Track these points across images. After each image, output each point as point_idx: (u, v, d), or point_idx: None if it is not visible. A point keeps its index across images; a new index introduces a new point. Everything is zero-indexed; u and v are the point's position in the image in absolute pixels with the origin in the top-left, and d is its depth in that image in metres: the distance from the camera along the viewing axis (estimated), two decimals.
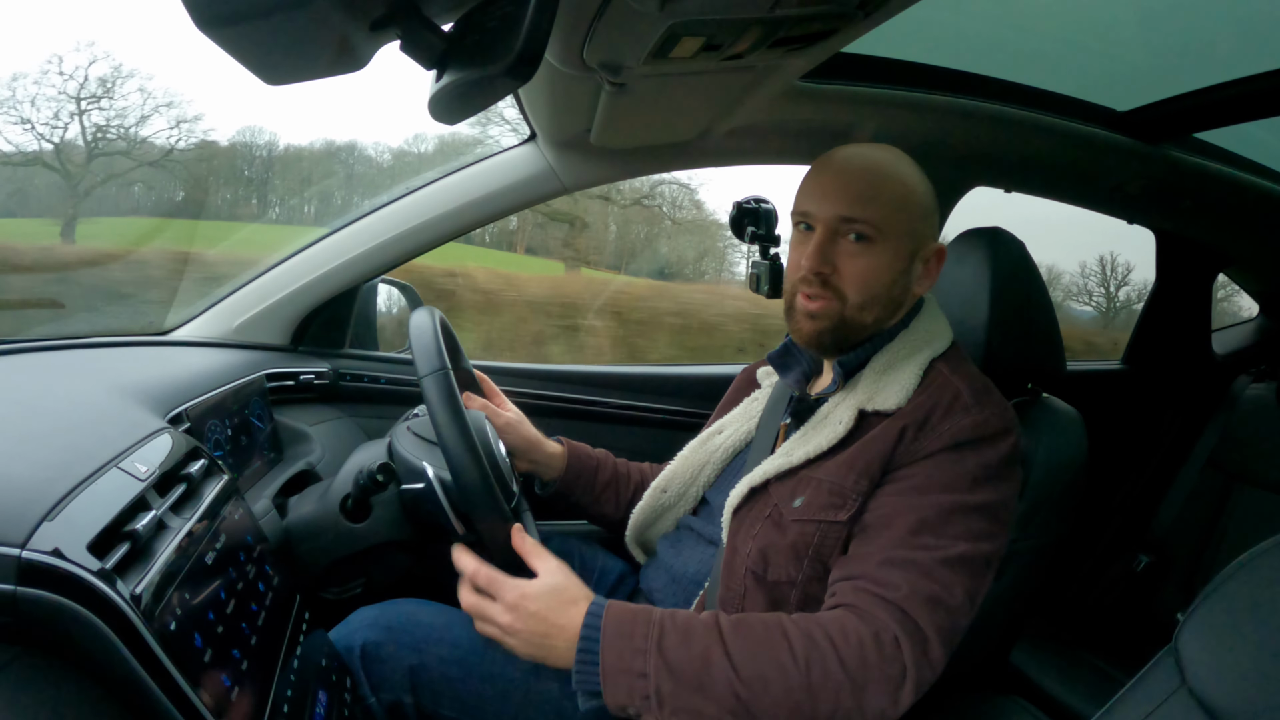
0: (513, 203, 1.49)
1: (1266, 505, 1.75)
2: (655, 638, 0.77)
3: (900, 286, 0.94)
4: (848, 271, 0.91)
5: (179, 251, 3.62)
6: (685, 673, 0.75)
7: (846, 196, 0.90)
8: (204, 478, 0.79)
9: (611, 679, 0.76)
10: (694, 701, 0.75)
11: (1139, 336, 2.14)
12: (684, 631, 0.78)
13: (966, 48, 1.37)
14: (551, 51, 0.91)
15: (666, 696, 0.75)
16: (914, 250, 0.93)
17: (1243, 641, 0.63)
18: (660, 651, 0.76)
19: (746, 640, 0.77)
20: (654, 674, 0.75)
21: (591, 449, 1.26)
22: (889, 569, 0.80)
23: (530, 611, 0.81)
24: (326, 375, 1.49)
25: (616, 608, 0.80)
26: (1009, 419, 0.88)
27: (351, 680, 0.89)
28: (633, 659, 0.76)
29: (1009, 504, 0.86)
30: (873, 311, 0.93)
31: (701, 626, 0.78)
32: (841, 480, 0.87)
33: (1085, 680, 1.54)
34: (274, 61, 0.56)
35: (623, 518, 1.21)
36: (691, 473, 1.11)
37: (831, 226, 0.91)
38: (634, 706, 0.76)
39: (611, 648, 0.77)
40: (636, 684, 0.75)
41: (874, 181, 0.91)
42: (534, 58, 0.53)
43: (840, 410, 0.92)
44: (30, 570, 0.55)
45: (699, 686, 0.74)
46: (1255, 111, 1.39)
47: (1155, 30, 1.34)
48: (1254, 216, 1.80)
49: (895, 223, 0.90)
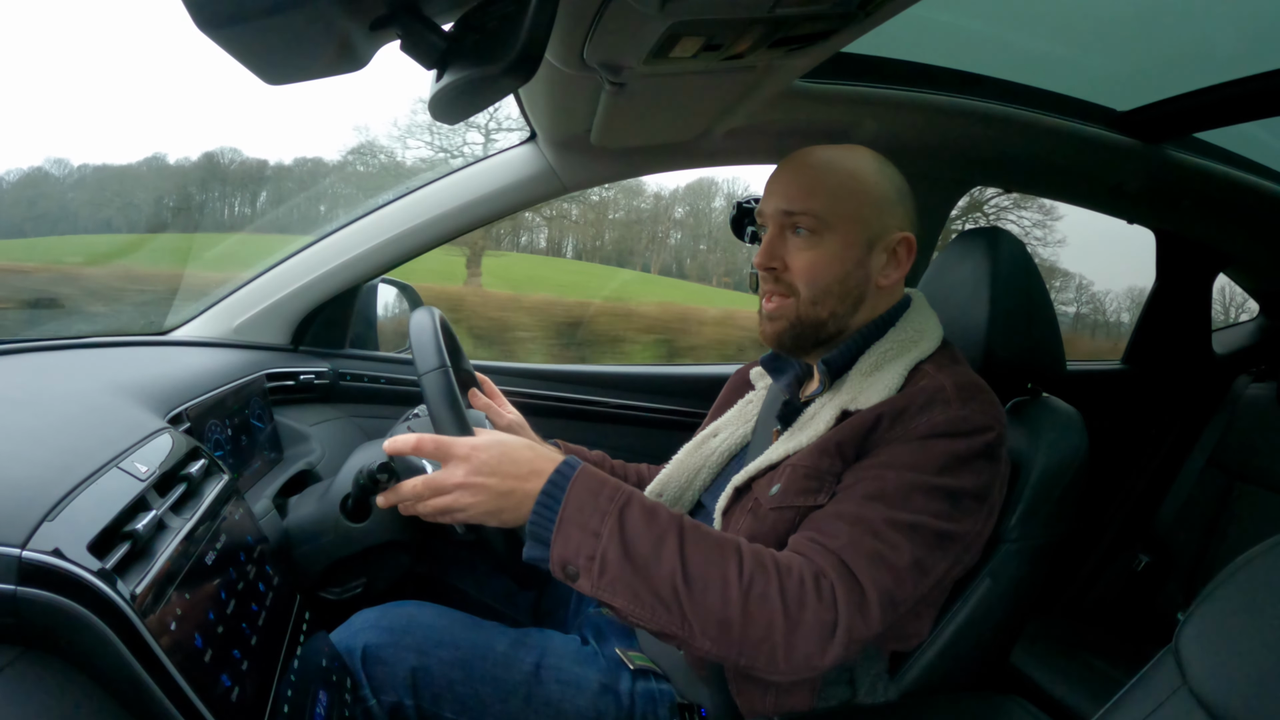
0: (512, 203, 1.49)
1: (1267, 505, 1.74)
2: (620, 502, 0.76)
3: (856, 278, 0.93)
4: (796, 265, 0.92)
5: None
6: (636, 548, 0.74)
7: (788, 191, 0.92)
8: (204, 478, 0.79)
9: (565, 530, 0.75)
10: (633, 580, 0.74)
11: (1139, 336, 2.14)
12: (648, 512, 0.77)
13: (966, 48, 1.37)
14: (552, 51, 0.91)
15: (610, 564, 0.74)
16: (869, 239, 0.92)
17: (1244, 641, 0.63)
18: (620, 517, 0.75)
19: (702, 542, 0.76)
20: (606, 537, 0.74)
21: (588, 452, 1.26)
22: (835, 522, 0.80)
23: (485, 459, 0.79)
24: (326, 375, 1.49)
25: (590, 469, 0.79)
26: (992, 417, 0.86)
27: (352, 681, 0.89)
28: (590, 516, 0.75)
29: (976, 494, 0.84)
30: (827, 305, 0.93)
31: (666, 515, 0.78)
32: (816, 463, 0.87)
33: (1085, 680, 1.54)
34: (274, 61, 0.57)
35: None
36: (687, 477, 1.10)
37: (778, 222, 0.93)
38: (576, 565, 0.74)
39: (575, 500, 0.76)
40: (586, 542, 0.74)
41: (816, 175, 0.92)
42: (534, 57, 0.53)
43: (825, 411, 0.92)
44: (30, 570, 0.54)
45: (643, 566, 0.74)
46: (1255, 111, 1.39)
47: (1155, 30, 1.33)
48: (1254, 216, 1.80)
49: (840, 212, 0.91)
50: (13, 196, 4.97)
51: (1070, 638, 1.73)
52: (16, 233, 4.91)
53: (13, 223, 4.92)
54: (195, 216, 5.91)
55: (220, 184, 5.95)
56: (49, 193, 5.12)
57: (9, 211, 4.92)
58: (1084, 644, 1.69)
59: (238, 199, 6.12)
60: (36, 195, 5.07)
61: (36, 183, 5.05)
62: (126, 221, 5.59)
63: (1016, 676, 1.58)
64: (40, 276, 3.21)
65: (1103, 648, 1.68)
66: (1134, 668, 0.72)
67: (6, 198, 4.94)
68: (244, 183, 5.94)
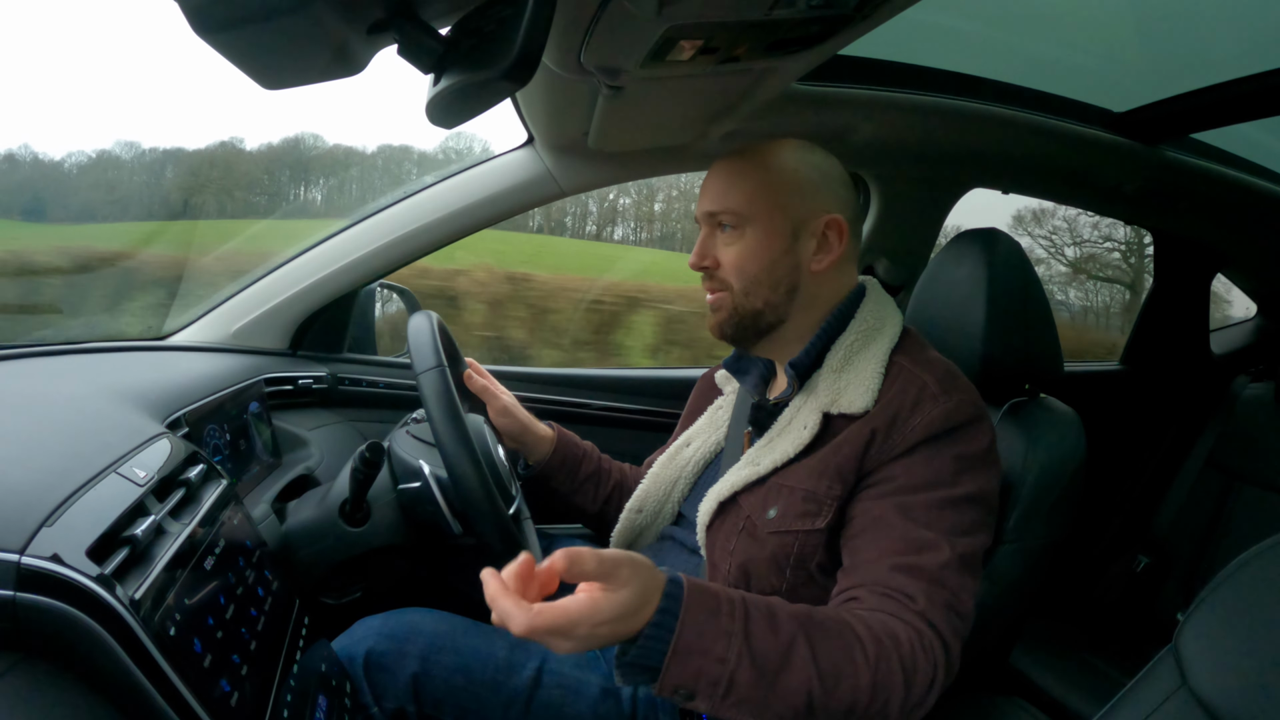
0: (510, 206, 1.49)
1: (1266, 505, 1.75)
2: (741, 618, 0.69)
3: (785, 265, 0.94)
4: (725, 261, 0.95)
5: None
6: (767, 664, 0.69)
7: (709, 194, 0.96)
8: (202, 483, 0.79)
9: (683, 658, 0.67)
10: (766, 695, 0.68)
11: (1137, 337, 2.14)
12: (769, 617, 0.71)
13: (963, 50, 1.37)
14: (549, 55, 0.91)
15: (739, 685, 0.68)
16: (794, 227, 0.93)
17: (1243, 641, 0.63)
18: (747, 637, 0.69)
19: (827, 637, 0.72)
20: (735, 660, 0.68)
21: (580, 439, 1.27)
22: (901, 577, 0.78)
23: (598, 624, 0.65)
24: (325, 380, 1.49)
25: (695, 582, 0.71)
26: (978, 404, 0.87)
27: (352, 687, 0.89)
28: (715, 641, 0.68)
29: (993, 493, 0.86)
30: (760, 295, 0.94)
31: (785, 614, 0.72)
32: (814, 487, 0.86)
33: (1085, 681, 1.54)
34: (271, 66, 0.57)
35: (597, 512, 1.22)
36: (664, 489, 1.09)
37: (707, 223, 0.97)
38: (693, 690, 0.68)
39: (692, 625, 0.67)
40: (710, 668, 0.67)
41: (731, 173, 0.95)
42: (531, 61, 0.53)
43: (803, 415, 0.92)
44: (29, 576, 0.54)
45: (774, 679, 0.69)
46: (1252, 112, 1.39)
47: (1152, 31, 1.34)
48: (1251, 217, 1.81)
49: (758, 206, 0.93)
50: (90, 179, 4.90)
51: (1070, 639, 1.73)
52: (89, 217, 4.86)
53: (90, 206, 4.86)
54: (287, 203, 5.86)
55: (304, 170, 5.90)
56: (119, 178, 5.05)
57: (86, 195, 4.86)
58: (1084, 645, 1.70)
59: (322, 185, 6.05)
60: (115, 179, 5.00)
61: (106, 167, 4.99)
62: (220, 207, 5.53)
63: (1016, 677, 1.58)
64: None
65: (1102, 649, 1.68)
66: (1133, 669, 0.72)
67: (83, 181, 4.89)
68: (329, 169, 5.87)
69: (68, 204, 4.80)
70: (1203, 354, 2.13)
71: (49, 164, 4.68)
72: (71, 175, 4.83)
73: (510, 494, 1.02)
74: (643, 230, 6.22)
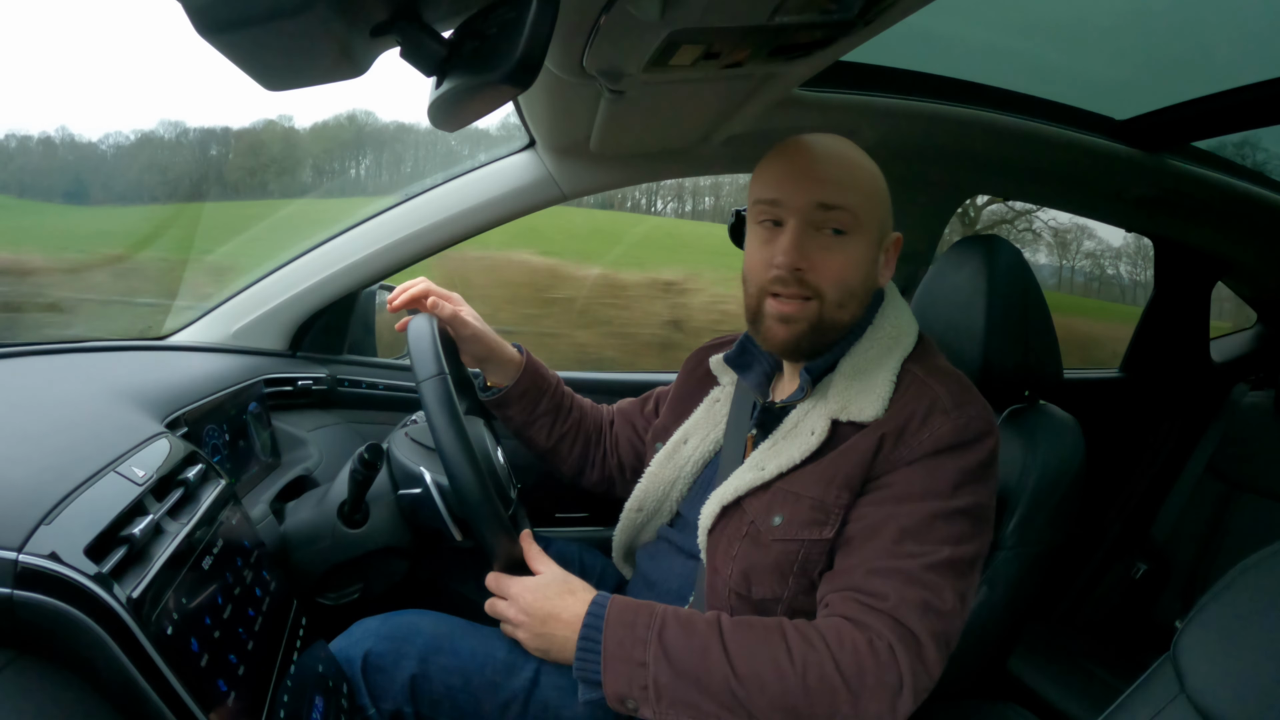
0: (512, 209, 1.49)
1: (1265, 512, 1.75)
2: (656, 627, 0.78)
3: (871, 280, 0.92)
4: (824, 267, 0.86)
5: None
6: (683, 665, 0.76)
7: (824, 182, 0.86)
8: (201, 482, 0.79)
9: (611, 666, 0.78)
10: (690, 695, 0.76)
11: (1137, 344, 2.14)
12: (685, 625, 0.79)
13: (965, 56, 1.37)
14: (551, 59, 0.92)
15: (664, 688, 0.76)
16: (881, 239, 0.92)
17: (1242, 649, 0.63)
18: (660, 641, 0.77)
19: (745, 639, 0.78)
20: (653, 663, 0.76)
21: (548, 372, 1.23)
22: (875, 579, 0.79)
23: (529, 602, 0.86)
24: (324, 381, 1.49)
25: (621, 599, 0.82)
26: (988, 420, 0.86)
27: (349, 688, 0.88)
28: (633, 647, 0.78)
29: (989, 505, 0.85)
30: (850, 309, 0.90)
31: (703, 622, 0.79)
32: (822, 495, 0.85)
33: (1083, 688, 1.54)
34: (274, 67, 0.57)
35: (550, 448, 1.22)
36: (663, 489, 1.06)
37: (806, 216, 0.86)
38: (632, 697, 0.77)
39: (613, 635, 0.79)
40: (636, 673, 0.77)
41: (849, 168, 0.88)
42: (534, 65, 0.53)
43: (811, 419, 0.90)
44: (27, 574, 0.54)
45: (696, 680, 0.76)
46: (1253, 120, 1.40)
47: (1154, 39, 1.34)
48: (1252, 225, 1.81)
49: (871, 212, 0.88)
50: (145, 160, 4.86)
51: (1068, 645, 1.72)
52: (138, 198, 4.82)
53: (142, 187, 4.83)
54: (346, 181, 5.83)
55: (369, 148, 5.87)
56: (175, 159, 5.00)
57: (142, 176, 4.82)
58: (1082, 651, 1.69)
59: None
60: (169, 161, 4.96)
61: (153, 146, 4.95)
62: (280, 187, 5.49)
63: (1014, 683, 1.57)
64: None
65: (1101, 655, 1.68)
66: (1132, 675, 0.72)
67: (136, 162, 4.85)
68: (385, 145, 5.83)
69: (111, 186, 4.77)
70: (1202, 361, 2.13)
71: (85, 145, 4.65)
72: (109, 157, 4.81)
73: (509, 497, 1.02)
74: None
